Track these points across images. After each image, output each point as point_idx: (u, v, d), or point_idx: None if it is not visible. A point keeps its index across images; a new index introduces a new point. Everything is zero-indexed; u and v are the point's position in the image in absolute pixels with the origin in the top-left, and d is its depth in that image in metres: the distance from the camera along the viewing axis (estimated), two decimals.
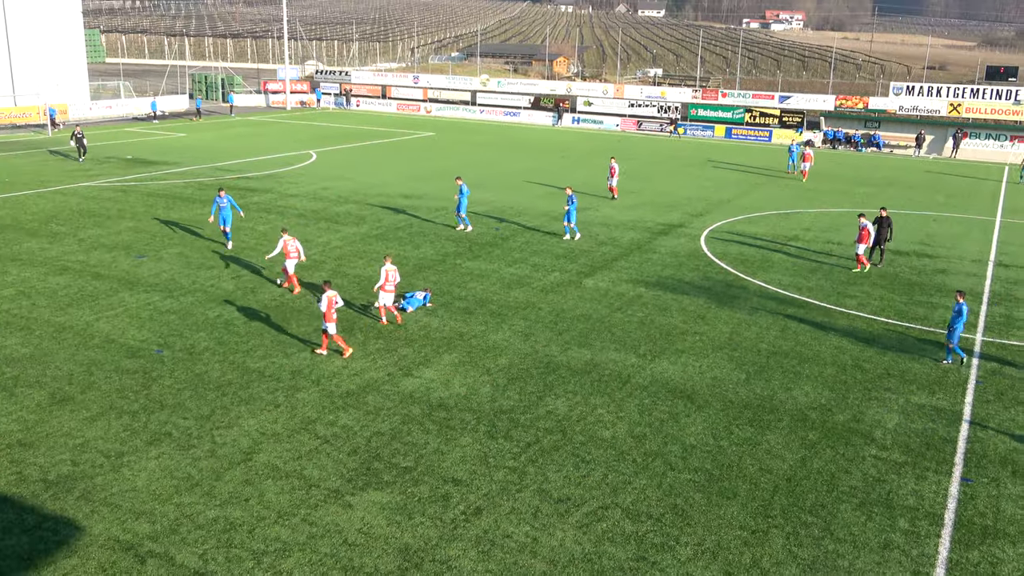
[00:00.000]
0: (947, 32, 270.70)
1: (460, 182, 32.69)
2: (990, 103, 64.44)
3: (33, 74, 66.66)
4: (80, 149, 46.66)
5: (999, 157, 62.53)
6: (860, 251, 29.14)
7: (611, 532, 13.46)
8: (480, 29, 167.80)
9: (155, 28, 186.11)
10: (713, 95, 74.26)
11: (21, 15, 66.69)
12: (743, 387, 19.17)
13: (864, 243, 29.00)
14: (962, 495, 14.96)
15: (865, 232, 28.93)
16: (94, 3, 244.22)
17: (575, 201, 32.07)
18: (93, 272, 26.14)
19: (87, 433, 15.98)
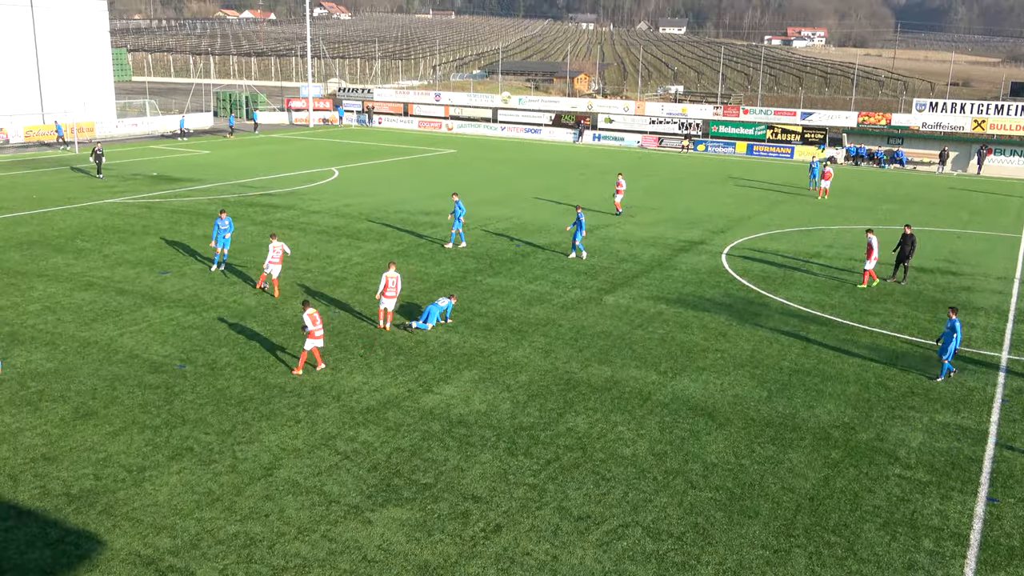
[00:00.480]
0: (971, 48, 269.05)
1: (456, 198, 32.74)
2: (1015, 119, 63.91)
3: (61, 92, 67.70)
4: (98, 166, 47.13)
5: (1022, 174, 61.91)
6: (869, 266, 28.92)
7: (632, 551, 13.36)
8: (501, 47, 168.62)
9: (181, 47, 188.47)
10: (735, 112, 74.19)
11: (50, 35, 67.82)
12: (765, 405, 19.03)
13: (870, 260, 28.80)
14: (988, 515, 14.74)
15: (870, 248, 28.74)
16: (121, 23, 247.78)
17: (583, 221, 31.69)
18: (117, 288, 26.40)
19: (110, 447, 16.09)
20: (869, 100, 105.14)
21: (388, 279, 22.77)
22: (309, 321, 19.44)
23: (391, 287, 22.74)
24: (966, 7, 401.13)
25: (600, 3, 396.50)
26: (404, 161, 59.78)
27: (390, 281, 22.74)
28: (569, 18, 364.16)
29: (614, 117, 78.23)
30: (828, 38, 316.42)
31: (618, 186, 40.87)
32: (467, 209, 34.33)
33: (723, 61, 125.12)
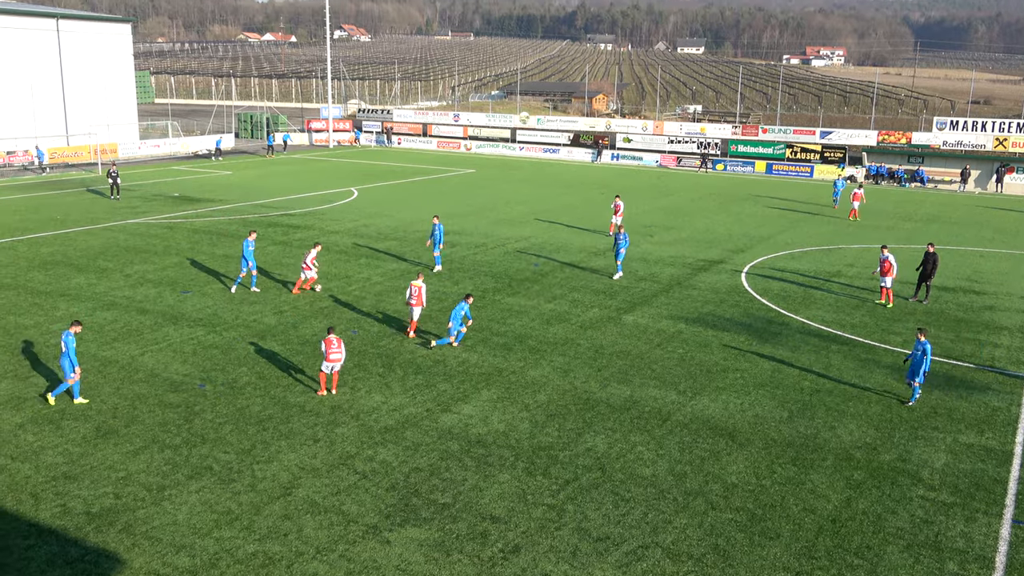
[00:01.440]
0: (991, 66, 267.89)
1: (436, 221, 32.03)
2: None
3: (86, 115, 68.65)
4: (113, 187, 47.45)
5: None
6: (887, 284, 28.70)
7: (651, 572, 13.25)
8: (520, 68, 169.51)
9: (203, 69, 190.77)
10: (753, 131, 74.12)
11: (75, 59, 68.87)
12: (786, 425, 18.87)
13: (888, 275, 28.54)
14: (1013, 538, 14.52)
15: (887, 264, 28.51)
16: (145, 46, 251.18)
17: (627, 240, 31.87)
18: (139, 307, 26.60)
19: (130, 466, 16.16)
20: (889, 119, 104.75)
21: (413, 287, 23.91)
22: (324, 345, 19.49)
23: (415, 295, 23.86)
24: (986, 25, 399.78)
25: (618, 24, 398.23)
26: (423, 181, 60.05)
27: (413, 289, 23.89)
28: (587, 39, 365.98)
29: (632, 137, 78.35)
30: (847, 57, 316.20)
31: (615, 209, 39.70)
32: (488, 230, 34.23)
33: (741, 80, 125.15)
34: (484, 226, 41.83)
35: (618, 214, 39.38)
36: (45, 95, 67.18)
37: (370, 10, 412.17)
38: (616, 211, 39.57)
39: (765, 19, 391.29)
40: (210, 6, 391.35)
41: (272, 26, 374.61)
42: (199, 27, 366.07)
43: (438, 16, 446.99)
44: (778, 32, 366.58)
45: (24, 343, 23.01)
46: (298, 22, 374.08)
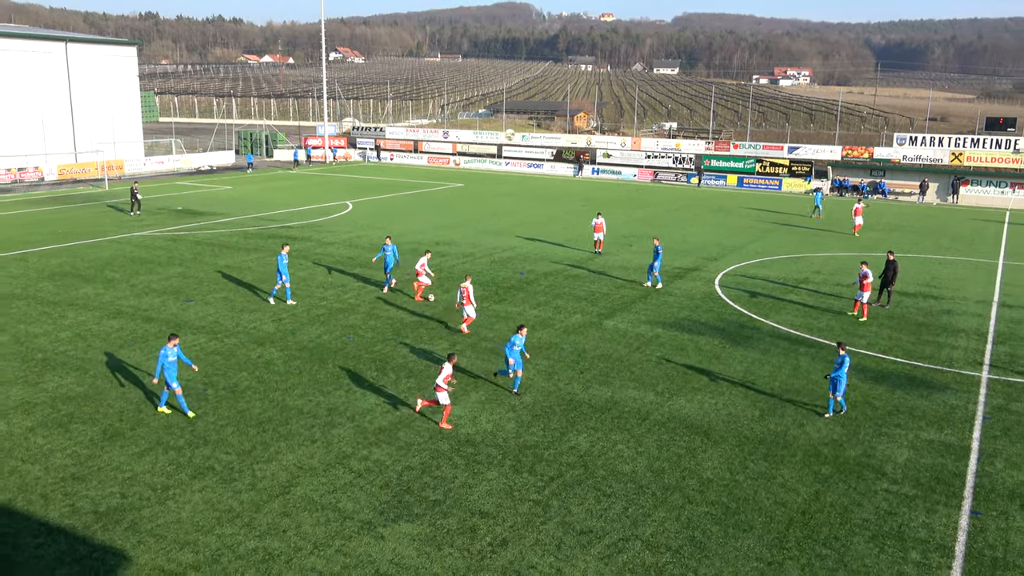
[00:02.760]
0: (947, 85, 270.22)
1: (389, 241, 30.50)
2: (990, 152, 64.12)
3: (93, 133, 68.35)
4: (134, 203, 47.27)
5: (1000, 203, 62.01)
6: (864, 299, 27.82)
7: (632, 563, 13.24)
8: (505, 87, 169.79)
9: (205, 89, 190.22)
10: (725, 147, 74.50)
11: (83, 79, 68.64)
12: (757, 423, 18.91)
13: (865, 291, 27.78)
14: (972, 528, 14.60)
15: (866, 281, 27.73)
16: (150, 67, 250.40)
17: (660, 252, 31.61)
18: (144, 316, 26.43)
19: (135, 467, 16.03)
20: (852, 135, 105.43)
21: (462, 289, 24.66)
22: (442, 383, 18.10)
23: (464, 296, 24.60)
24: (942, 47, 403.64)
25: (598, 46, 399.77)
26: (414, 195, 60.01)
27: (462, 291, 24.63)
28: (569, 60, 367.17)
29: (612, 152, 78.58)
30: (812, 77, 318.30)
31: (596, 226, 37.88)
32: (476, 240, 34.09)
33: (714, 99, 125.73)
34: (472, 236, 41.81)
35: (600, 231, 37.81)
36: (54, 114, 66.87)
37: (364, 33, 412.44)
38: (597, 229, 37.82)
39: (736, 42, 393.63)
40: (211, 30, 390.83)
41: (271, 49, 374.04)
42: (201, 50, 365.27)
43: (428, 39, 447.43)
44: (748, 54, 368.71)
45: (34, 351, 22.82)
46: (295, 45, 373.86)
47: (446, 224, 45.81)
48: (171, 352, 18.22)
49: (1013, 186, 62.27)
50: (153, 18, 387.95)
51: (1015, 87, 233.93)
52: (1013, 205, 61.26)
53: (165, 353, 18.21)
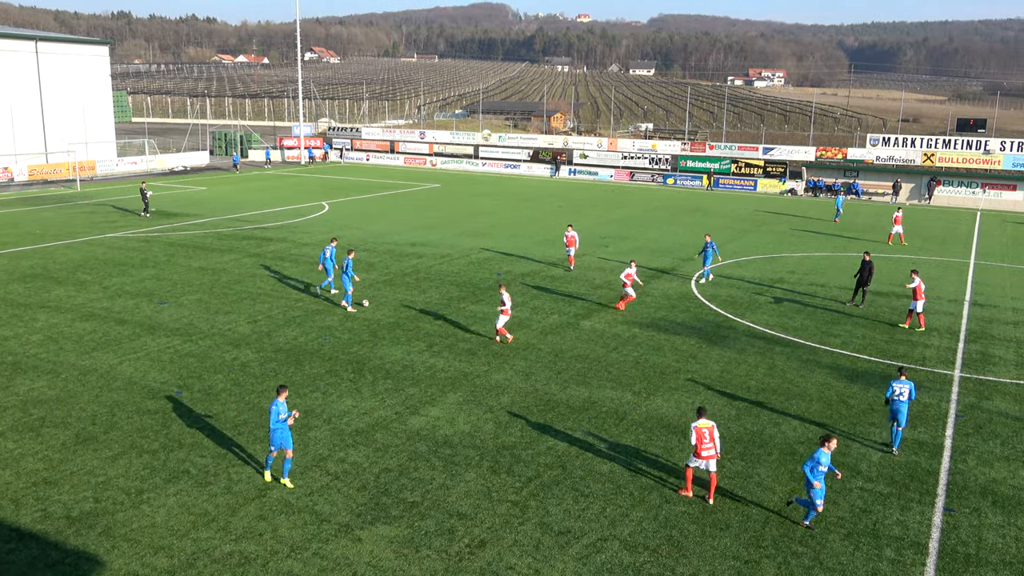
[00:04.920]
0: (919, 87, 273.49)
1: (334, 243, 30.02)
2: (961, 152, 64.90)
3: (64, 133, 67.49)
4: (146, 205, 46.41)
5: (971, 203, 62.87)
6: (918, 308, 27.01)
7: (610, 563, 13.27)
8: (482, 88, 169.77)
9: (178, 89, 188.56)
10: (701, 147, 74.84)
11: (54, 79, 67.74)
12: (734, 423, 19.03)
13: (918, 299, 26.84)
14: (945, 525, 14.77)
15: (919, 289, 26.83)
16: (122, 67, 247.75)
17: (714, 247, 33.66)
18: (117, 318, 26.15)
19: (109, 471, 15.85)
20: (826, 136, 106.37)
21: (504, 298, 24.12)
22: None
23: (506, 303, 24.00)
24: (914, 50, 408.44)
25: (574, 47, 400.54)
26: (391, 195, 59.82)
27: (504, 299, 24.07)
28: (545, 61, 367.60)
29: (588, 153, 78.75)
30: (787, 78, 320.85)
31: (568, 240, 34.77)
32: (454, 242, 33.95)
33: (690, 100, 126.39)
34: (449, 238, 41.75)
35: (572, 246, 34.64)
36: (24, 114, 65.94)
37: (339, 33, 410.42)
38: (569, 244, 34.67)
39: (711, 43, 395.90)
40: (185, 29, 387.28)
41: (245, 48, 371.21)
42: (174, 49, 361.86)
43: (404, 39, 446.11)
44: (723, 55, 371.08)
45: (4, 354, 22.49)
46: (270, 45, 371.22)
47: (423, 225, 45.71)
48: (283, 407, 15.27)
49: (984, 186, 63.19)
50: (126, 17, 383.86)
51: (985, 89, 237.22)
52: (984, 205, 62.13)
53: (277, 410, 15.20)
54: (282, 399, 15.36)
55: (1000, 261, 40.09)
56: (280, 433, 15.26)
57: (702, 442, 15.04)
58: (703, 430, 15.09)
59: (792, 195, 68.14)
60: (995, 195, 62.77)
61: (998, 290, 33.47)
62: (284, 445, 15.32)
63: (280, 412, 15.22)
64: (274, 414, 15.18)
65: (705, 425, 15.16)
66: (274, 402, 15.25)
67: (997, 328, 27.68)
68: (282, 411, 15.25)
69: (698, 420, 15.24)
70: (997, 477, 16.62)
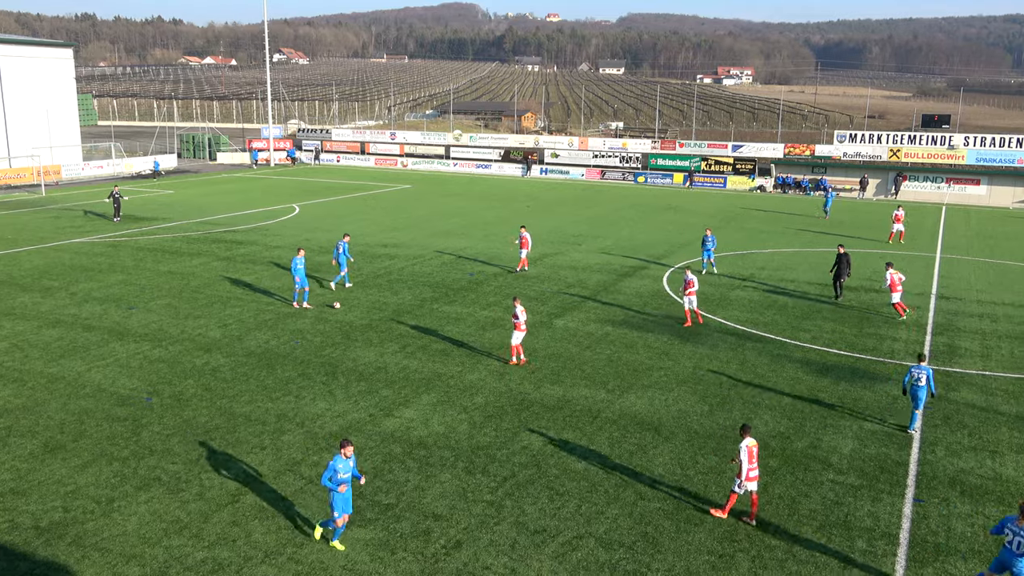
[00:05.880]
0: (885, 84, 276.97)
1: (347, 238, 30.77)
2: (926, 148, 65.82)
3: (28, 137, 66.43)
4: (116, 209, 45.87)
5: (936, 198, 63.80)
6: (896, 300, 27.80)
7: (586, 561, 13.31)
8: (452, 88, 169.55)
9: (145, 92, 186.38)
10: (671, 145, 75.27)
11: (17, 83, 66.64)
12: (707, 418, 19.16)
13: (895, 291, 27.70)
14: (915, 515, 14.97)
15: (893, 281, 27.64)
16: (87, 70, 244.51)
17: (714, 241, 34.78)
18: (85, 324, 25.79)
19: (78, 480, 15.64)
20: (794, 133, 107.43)
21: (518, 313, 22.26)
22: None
23: (520, 318, 22.26)
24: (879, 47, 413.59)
25: (544, 47, 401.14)
26: (362, 197, 59.55)
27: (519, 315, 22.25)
28: (515, 61, 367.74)
29: (559, 152, 78.92)
30: (755, 76, 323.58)
31: (522, 241, 33.89)
32: (427, 242, 33.81)
33: (659, 99, 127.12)
34: (421, 238, 41.65)
35: (525, 247, 33.88)
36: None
37: (308, 34, 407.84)
38: (523, 244, 33.83)
39: (679, 42, 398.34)
40: (151, 31, 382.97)
41: (213, 50, 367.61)
42: (140, 51, 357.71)
43: (373, 40, 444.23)
44: (692, 54, 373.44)
45: None
46: (238, 46, 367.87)
47: (395, 226, 45.56)
48: (345, 464, 13.23)
49: (948, 181, 64.13)
50: (90, 19, 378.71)
51: (949, 85, 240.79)
52: (948, 200, 63.06)
53: (335, 467, 13.09)
54: (345, 455, 13.23)
55: (965, 255, 40.72)
56: (343, 497, 13.16)
57: (752, 461, 14.37)
58: (753, 449, 14.44)
59: (761, 192, 68.75)
60: (959, 189, 63.73)
61: (963, 283, 33.99)
62: (347, 510, 13.26)
63: (340, 471, 13.07)
64: (330, 470, 13.10)
65: (753, 444, 14.52)
66: (335, 458, 13.21)
67: (963, 320, 28.10)
68: (342, 470, 13.08)
69: (747, 439, 14.46)
70: (965, 467, 16.88)
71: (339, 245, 30.48)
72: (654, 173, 73.46)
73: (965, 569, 13.31)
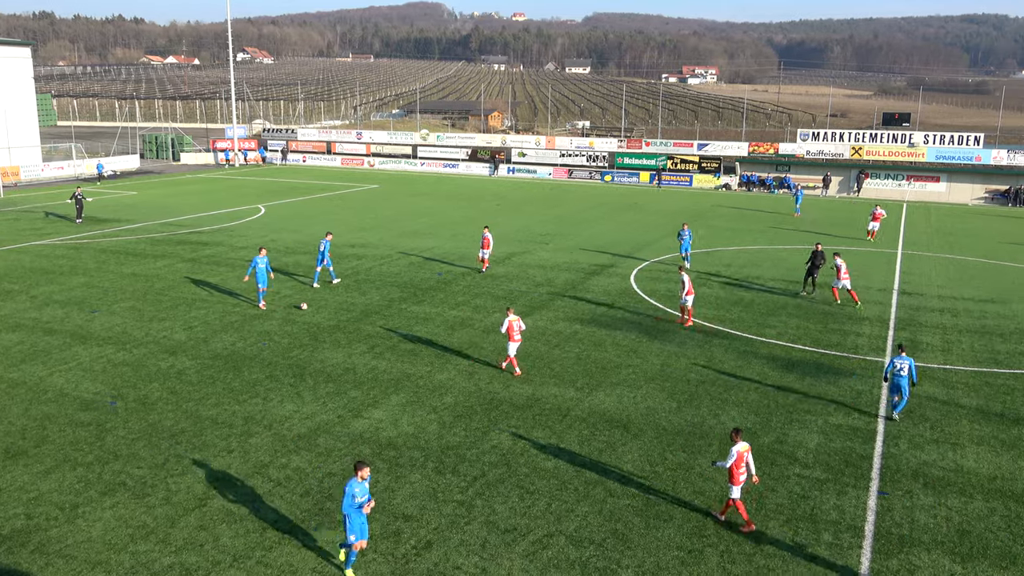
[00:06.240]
0: (846, 83, 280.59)
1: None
2: (887, 146, 66.81)
3: None
4: (78, 210, 45.04)
5: (897, 195, 64.82)
6: (840, 284, 29.45)
7: (556, 559, 13.34)
8: (419, 87, 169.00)
9: (106, 92, 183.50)
10: (637, 144, 75.65)
11: None
12: (675, 415, 19.30)
13: (843, 278, 29.30)
14: (880, 507, 15.20)
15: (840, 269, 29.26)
16: (45, 69, 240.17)
17: (691, 234, 35.75)
18: (46, 328, 25.34)
19: (41, 486, 15.36)
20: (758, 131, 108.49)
21: (511, 323, 21.33)
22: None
23: (516, 330, 21.39)
24: (841, 46, 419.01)
25: (510, 46, 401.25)
26: (329, 197, 59.15)
27: (514, 324, 21.35)
28: (482, 60, 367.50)
29: (527, 151, 78.99)
30: (719, 75, 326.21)
31: (484, 242, 33.83)
32: (395, 242, 33.70)
33: (625, 98, 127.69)
34: (389, 239, 41.47)
35: (487, 248, 33.82)
36: None
37: (272, 33, 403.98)
38: (485, 245, 33.79)
39: (645, 41, 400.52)
40: (111, 30, 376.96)
41: (175, 49, 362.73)
42: (101, 51, 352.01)
43: (338, 39, 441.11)
44: (657, 53, 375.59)
45: None
46: (201, 45, 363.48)
47: (362, 226, 45.31)
48: (362, 487, 12.71)
49: (909, 178, 65.20)
50: (48, 17, 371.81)
51: (909, 84, 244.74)
52: (909, 197, 64.09)
53: (352, 492, 12.59)
54: (361, 477, 12.71)
55: (926, 251, 41.41)
56: (360, 521, 12.69)
57: (738, 467, 14.24)
58: (744, 453, 14.37)
59: (727, 190, 69.36)
60: (920, 187, 64.81)
61: (924, 279, 34.57)
62: (363, 535, 12.79)
63: (357, 495, 12.63)
64: (348, 497, 12.57)
65: (745, 448, 14.44)
66: (350, 482, 12.69)
67: (924, 315, 28.58)
68: (359, 494, 12.64)
69: (739, 443, 14.37)
70: (928, 460, 17.18)
71: (321, 244, 31.01)
72: (621, 172, 73.83)
73: (929, 559, 13.54)
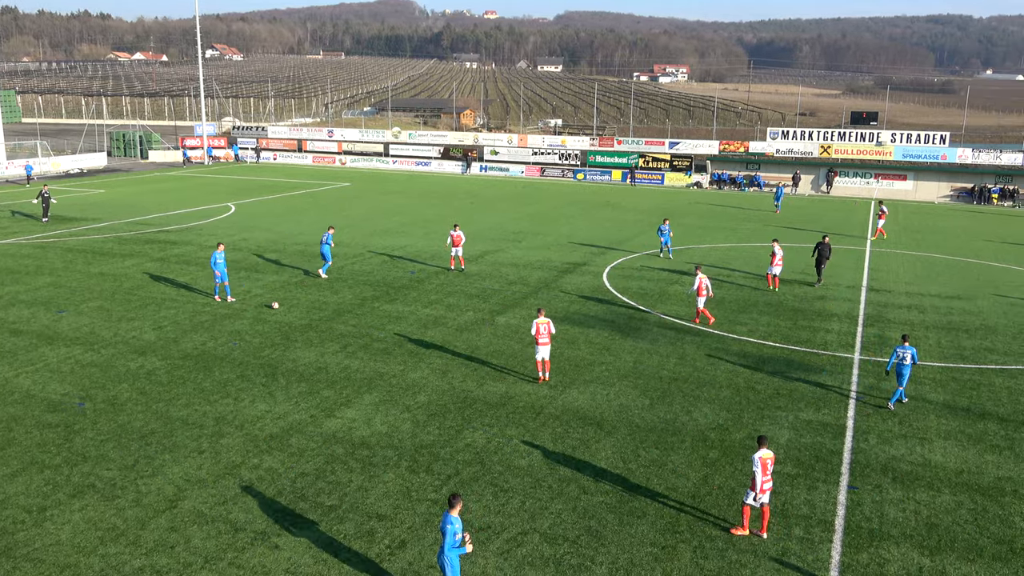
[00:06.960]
0: (815, 82, 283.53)
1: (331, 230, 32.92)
2: (856, 144, 67.57)
3: None
4: (44, 209, 44.27)
5: (866, 193, 65.61)
6: (775, 272, 31.45)
7: (531, 556, 13.37)
8: (391, 85, 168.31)
9: (72, 88, 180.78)
10: (609, 143, 75.89)
11: None
12: (648, 412, 19.40)
13: (775, 266, 31.42)
14: (849, 502, 15.39)
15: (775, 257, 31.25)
16: (9, 65, 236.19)
17: (670, 229, 37.74)
18: (11, 328, 24.94)
19: (7, 489, 15.12)
20: (728, 130, 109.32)
21: (539, 325, 20.73)
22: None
23: (543, 334, 20.76)
24: (810, 46, 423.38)
25: (482, 44, 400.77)
26: (300, 195, 58.74)
27: (541, 327, 20.72)
28: (454, 58, 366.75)
29: (499, 149, 78.96)
30: (690, 74, 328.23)
31: (454, 239, 33.74)
32: (367, 241, 33.67)
33: (597, 96, 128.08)
34: (361, 237, 41.27)
35: (458, 246, 33.62)
36: None
37: (241, 30, 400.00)
38: (456, 243, 33.60)
39: (616, 40, 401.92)
40: (77, 26, 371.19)
41: (142, 46, 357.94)
42: (66, 47, 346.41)
43: (309, 36, 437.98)
44: (628, 52, 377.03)
45: None
46: (169, 42, 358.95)
47: (334, 225, 44.96)
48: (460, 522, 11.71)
49: (877, 176, 66.06)
50: (11, 12, 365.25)
51: (876, 83, 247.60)
52: (877, 194, 64.88)
53: (455, 529, 11.55)
54: (456, 513, 11.63)
55: (894, 248, 41.95)
56: (456, 561, 11.55)
57: (765, 473, 13.98)
58: (767, 461, 14.08)
59: (698, 188, 69.81)
60: (887, 184, 65.69)
61: (892, 276, 35.03)
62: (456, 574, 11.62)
63: (459, 531, 11.50)
64: (450, 536, 11.42)
65: (768, 456, 14.13)
66: (448, 517, 11.54)
67: (892, 312, 28.96)
68: (461, 530, 11.52)
69: (761, 450, 14.09)
70: (896, 454, 17.41)
71: (324, 236, 31.93)
72: (593, 170, 74.04)
73: (898, 553, 13.73)
